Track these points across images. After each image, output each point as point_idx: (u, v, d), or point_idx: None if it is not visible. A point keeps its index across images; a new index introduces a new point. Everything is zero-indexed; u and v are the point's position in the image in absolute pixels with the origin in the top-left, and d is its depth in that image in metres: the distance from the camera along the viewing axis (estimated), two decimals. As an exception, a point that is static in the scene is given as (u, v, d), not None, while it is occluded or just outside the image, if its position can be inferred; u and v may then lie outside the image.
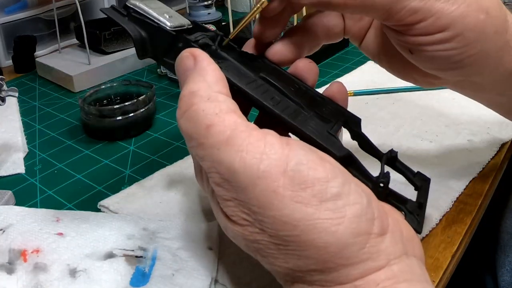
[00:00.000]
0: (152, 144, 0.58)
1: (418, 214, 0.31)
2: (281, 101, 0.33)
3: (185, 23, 0.36)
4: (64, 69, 0.75)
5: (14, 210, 0.43)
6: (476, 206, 0.44)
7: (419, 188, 0.34)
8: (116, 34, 0.80)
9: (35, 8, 0.87)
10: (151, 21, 0.34)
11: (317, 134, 0.31)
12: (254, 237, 0.28)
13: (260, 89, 0.33)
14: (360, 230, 0.26)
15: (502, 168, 0.50)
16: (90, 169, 0.54)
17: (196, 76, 0.30)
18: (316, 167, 0.27)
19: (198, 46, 0.34)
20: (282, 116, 0.31)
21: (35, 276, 0.37)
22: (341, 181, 0.27)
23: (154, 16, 0.34)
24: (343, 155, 0.30)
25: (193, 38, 0.35)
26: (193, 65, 0.30)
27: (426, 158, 0.50)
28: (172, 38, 0.34)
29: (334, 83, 0.36)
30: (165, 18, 0.34)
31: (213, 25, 0.64)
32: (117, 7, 0.36)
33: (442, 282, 0.37)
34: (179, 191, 0.47)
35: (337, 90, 0.36)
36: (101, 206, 0.46)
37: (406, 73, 0.40)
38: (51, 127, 0.64)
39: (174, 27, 0.34)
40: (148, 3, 0.35)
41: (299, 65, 0.36)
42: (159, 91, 0.72)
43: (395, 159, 0.34)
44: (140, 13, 0.35)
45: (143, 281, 0.36)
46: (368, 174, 0.30)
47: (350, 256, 0.26)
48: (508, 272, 0.56)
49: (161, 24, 0.34)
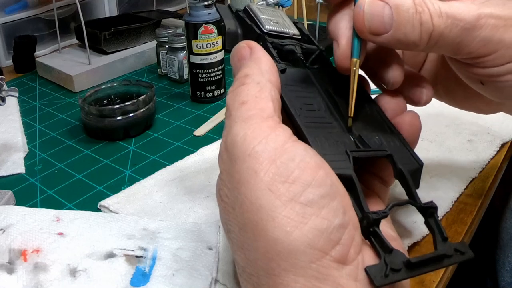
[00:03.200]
0: (152, 144, 0.58)
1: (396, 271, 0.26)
2: (315, 111, 0.33)
3: (290, 33, 0.38)
4: (64, 69, 0.75)
5: (15, 210, 0.43)
6: (476, 206, 0.44)
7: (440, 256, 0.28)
8: (116, 34, 0.80)
9: (35, 8, 0.87)
10: (250, 21, 0.38)
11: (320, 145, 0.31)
12: (228, 216, 0.29)
13: (299, 95, 0.34)
14: (316, 245, 0.26)
15: (502, 168, 0.50)
16: (90, 169, 0.54)
17: (251, 63, 0.32)
18: (305, 169, 0.27)
19: (279, 49, 0.36)
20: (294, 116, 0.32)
21: (35, 276, 0.37)
22: (323, 192, 0.27)
23: (257, 17, 0.38)
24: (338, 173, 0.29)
25: (278, 41, 0.37)
26: (248, 55, 0.33)
27: (426, 158, 0.50)
28: (257, 36, 0.37)
29: (410, 113, 0.35)
30: (267, 22, 0.38)
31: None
32: (231, 6, 0.40)
33: (442, 282, 0.37)
34: (179, 191, 0.47)
35: (408, 122, 0.35)
36: (101, 206, 0.46)
37: (468, 103, 0.40)
38: (51, 127, 0.64)
39: (269, 30, 0.37)
40: (264, 10, 0.40)
41: (383, 95, 0.36)
42: (159, 91, 0.72)
43: (430, 214, 0.30)
44: (248, 14, 0.39)
45: (144, 281, 0.36)
46: (361, 205, 0.29)
47: (296, 264, 0.26)
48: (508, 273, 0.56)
49: (258, 24, 0.37)
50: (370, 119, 0.35)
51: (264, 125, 0.28)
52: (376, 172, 0.35)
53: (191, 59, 0.66)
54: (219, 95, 0.68)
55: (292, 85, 0.34)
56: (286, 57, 0.37)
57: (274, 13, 0.40)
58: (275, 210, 0.26)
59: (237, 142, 0.28)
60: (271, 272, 0.26)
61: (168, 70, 0.76)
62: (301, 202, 0.26)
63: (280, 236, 0.26)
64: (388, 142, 0.34)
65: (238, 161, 0.28)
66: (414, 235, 0.39)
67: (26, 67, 0.83)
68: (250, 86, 0.30)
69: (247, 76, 0.31)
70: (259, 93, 0.30)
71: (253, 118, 0.29)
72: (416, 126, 0.35)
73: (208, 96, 0.68)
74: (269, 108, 0.29)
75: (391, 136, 0.34)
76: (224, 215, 0.29)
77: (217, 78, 0.67)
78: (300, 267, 0.26)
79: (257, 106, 0.29)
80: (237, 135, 0.28)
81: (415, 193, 0.31)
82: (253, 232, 0.27)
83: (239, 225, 0.28)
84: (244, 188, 0.27)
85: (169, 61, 0.74)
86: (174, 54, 0.73)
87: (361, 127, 0.34)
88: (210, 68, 0.66)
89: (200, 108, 0.66)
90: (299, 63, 0.37)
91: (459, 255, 0.28)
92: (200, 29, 0.63)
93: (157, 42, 0.77)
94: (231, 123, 0.29)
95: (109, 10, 0.98)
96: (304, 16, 0.77)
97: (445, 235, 0.29)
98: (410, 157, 0.33)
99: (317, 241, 0.26)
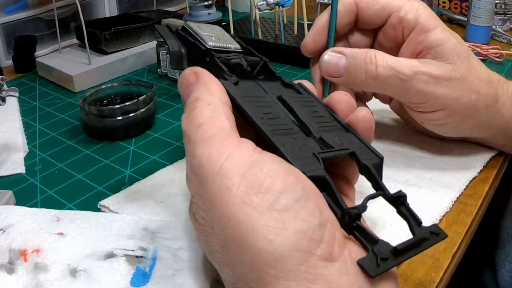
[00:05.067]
0: (152, 144, 0.58)
1: (385, 260, 0.27)
2: (276, 119, 0.34)
3: (232, 47, 0.40)
4: (65, 69, 0.75)
5: (15, 210, 0.43)
6: (477, 207, 0.44)
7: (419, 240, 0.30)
8: (117, 34, 0.80)
9: (36, 8, 0.87)
10: (193, 38, 0.39)
11: (290, 150, 0.31)
12: (208, 237, 0.29)
13: (257, 104, 0.34)
14: (300, 247, 0.26)
15: (502, 168, 0.50)
16: (91, 169, 0.54)
17: (199, 87, 0.33)
18: (275, 177, 0.27)
19: (226, 63, 0.37)
20: (259, 126, 0.32)
21: (36, 276, 0.37)
22: (297, 196, 0.27)
23: (198, 35, 0.39)
24: (311, 175, 0.29)
25: (224, 55, 0.38)
26: (195, 80, 0.33)
27: (426, 158, 0.50)
28: (203, 53, 0.38)
29: (362, 110, 0.37)
30: (209, 38, 0.38)
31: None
32: (170, 26, 0.41)
33: (442, 282, 0.37)
34: (179, 191, 0.47)
35: (362, 118, 0.36)
36: (101, 206, 0.46)
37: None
38: (52, 127, 0.64)
39: (213, 46, 0.38)
40: (203, 27, 0.41)
41: (333, 96, 0.39)
42: (160, 91, 0.72)
43: (400, 202, 0.32)
44: (188, 32, 0.39)
45: (144, 281, 0.36)
46: (339, 203, 0.30)
47: (285, 269, 0.26)
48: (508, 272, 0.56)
49: (200, 41, 0.38)
50: (325, 120, 0.36)
51: (226, 142, 0.29)
52: (340, 173, 0.37)
53: (191, 59, 0.66)
54: (219, 95, 0.68)
55: (248, 96, 0.35)
56: (234, 70, 0.37)
57: (212, 29, 0.41)
58: (254, 221, 0.26)
59: (204, 164, 0.29)
60: (262, 282, 0.26)
61: (168, 70, 0.76)
62: (277, 209, 0.27)
63: (264, 246, 0.26)
64: (348, 140, 0.35)
65: (208, 181, 0.28)
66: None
67: (26, 67, 0.83)
68: (203, 108, 0.31)
69: (197, 100, 0.32)
70: (213, 113, 0.31)
71: (214, 137, 0.29)
72: (370, 120, 0.37)
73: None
74: (226, 126, 0.30)
75: (348, 134, 0.36)
76: (204, 237, 0.30)
77: (217, 78, 0.67)
78: (289, 271, 0.26)
79: (215, 125, 0.30)
80: (202, 156, 0.29)
81: (382, 184, 0.33)
82: (237, 247, 0.27)
83: (221, 243, 0.28)
84: (219, 206, 0.27)
85: (170, 61, 0.74)
86: (174, 54, 0.73)
87: (319, 129, 0.35)
88: (210, 68, 0.66)
89: (200, 108, 0.66)
90: (246, 75, 0.38)
91: (435, 237, 0.30)
92: (200, 29, 0.63)
93: (157, 42, 0.77)
94: (193, 147, 0.30)
95: (109, 10, 0.98)
96: (304, 16, 0.77)
97: (420, 220, 0.31)
98: (370, 152, 0.35)
99: (301, 243, 0.26)
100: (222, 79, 0.35)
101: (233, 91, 0.34)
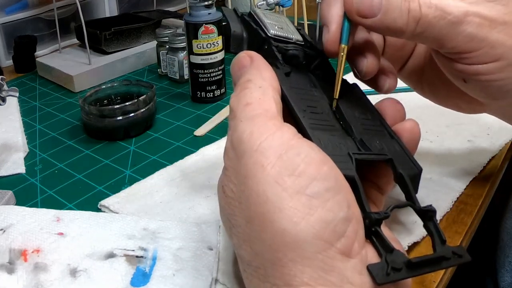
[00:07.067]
0: (152, 144, 0.58)
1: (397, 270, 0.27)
2: (319, 113, 0.34)
3: (294, 38, 0.39)
4: (65, 69, 0.75)
5: (15, 210, 0.43)
6: (477, 207, 0.44)
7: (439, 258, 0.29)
8: (117, 34, 0.80)
9: (36, 8, 0.87)
10: (256, 25, 0.39)
11: (324, 145, 0.31)
12: (234, 210, 0.29)
13: (303, 97, 0.34)
14: (322, 236, 0.26)
15: (502, 168, 0.50)
16: (91, 169, 0.54)
17: (253, 70, 0.33)
18: (310, 164, 0.28)
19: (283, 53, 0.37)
20: (299, 117, 0.32)
21: (36, 276, 0.37)
22: (328, 186, 0.27)
23: (262, 22, 0.39)
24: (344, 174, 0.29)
25: (282, 45, 0.38)
26: (249, 63, 0.34)
27: (426, 158, 0.50)
28: (262, 40, 0.38)
29: (410, 121, 0.36)
30: (271, 27, 0.38)
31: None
32: (237, 10, 0.42)
33: (442, 282, 0.37)
34: (179, 191, 0.47)
35: (409, 128, 0.36)
36: (102, 206, 0.46)
37: (450, 101, 0.42)
38: (52, 127, 0.64)
39: (274, 34, 0.38)
40: (269, 15, 0.40)
41: (384, 102, 0.37)
42: (160, 91, 0.72)
43: (429, 217, 0.30)
44: (253, 18, 0.40)
45: (144, 281, 0.36)
46: (363, 205, 0.29)
47: (303, 255, 0.26)
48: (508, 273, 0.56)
49: (263, 28, 0.38)
50: (371, 124, 0.36)
51: (269, 123, 0.29)
52: (374, 180, 0.36)
53: (191, 59, 0.66)
54: (220, 95, 0.68)
55: (297, 87, 0.35)
56: (290, 61, 0.37)
57: (278, 18, 0.41)
58: (282, 202, 0.27)
59: (244, 139, 0.29)
60: (278, 263, 0.26)
61: (168, 70, 0.76)
62: (307, 194, 0.27)
63: (287, 227, 0.26)
64: (389, 147, 0.34)
65: (245, 156, 0.29)
66: (414, 235, 0.39)
67: (26, 67, 0.83)
68: (253, 90, 0.32)
69: (249, 81, 0.32)
70: (262, 95, 0.31)
71: (259, 117, 0.30)
72: (416, 133, 0.36)
73: (208, 96, 0.68)
74: (272, 109, 0.31)
75: (391, 141, 0.35)
76: (228, 210, 0.30)
77: (218, 78, 0.67)
78: (306, 257, 0.26)
79: (262, 107, 0.30)
80: (243, 132, 0.29)
81: (414, 197, 0.32)
82: (260, 224, 0.27)
83: (246, 218, 0.28)
84: (251, 181, 0.28)
85: (170, 61, 0.74)
86: (174, 54, 0.73)
87: (362, 131, 0.34)
88: (210, 68, 0.66)
89: (201, 108, 0.66)
90: (302, 67, 0.38)
91: (456, 258, 0.29)
92: (201, 29, 0.63)
93: (158, 42, 0.77)
94: (237, 122, 0.30)
95: (109, 10, 0.98)
96: (304, 16, 0.77)
97: (444, 238, 0.29)
98: (410, 162, 0.34)
99: (323, 232, 0.26)
100: (275, 67, 0.35)
101: (282, 81, 0.34)
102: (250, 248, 0.28)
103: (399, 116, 0.37)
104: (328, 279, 0.26)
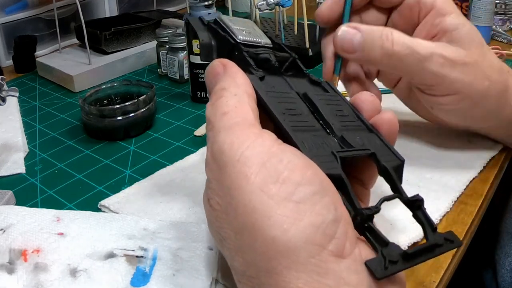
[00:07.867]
0: (152, 144, 0.58)
1: (394, 263, 0.27)
2: (298, 115, 0.34)
3: (262, 42, 0.40)
4: (65, 69, 0.75)
5: (15, 210, 0.43)
6: (477, 207, 0.44)
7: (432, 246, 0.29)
8: (117, 34, 0.80)
9: (36, 8, 0.87)
10: (223, 32, 0.39)
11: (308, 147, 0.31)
12: (221, 223, 0.29)
13: (281, 100, 0.34)
14: (313, 240, 0.26)
15: (502, 168, 0.50)
16: (91, 169, 0.54)
17: (227, 77, 0.34)
18: (294, 169, 0.28)
19: (254, 58, 0.37)
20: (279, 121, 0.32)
21: (36, 276, 0.37)
22: (314, 190, 0.27)
23: (229, 28, 0.39)
24: (327, 173, 0.29)
25: (253, 50, 0.38)
26: (223, 71, 0.34)
27: (426, 158, 0.50)
28: (232, 46, 0.38)
29: (387, 113, 0.37)
30: (239, 32, 0.39)
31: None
32: (203, 18, 0.42)
33: (442, 282, 0.37)
34: (179, 191, 0.47)
35: (387, 120, 0.36)
36: (102, 206, 0.47)
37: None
38: (52, 127, 0.64)
39: (243, 40, 0.38)
40: (235, 21, 0.41)
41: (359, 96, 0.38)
42: (160, 91, 0.72)
43: (417, 207, 0.31)
44: (220, 25, 0.40)
45: (144, 281, 0.36)
46: (353, 202, 0.29)
47: (296, 261, 0.26)
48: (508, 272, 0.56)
49: (230, 35, 0.39)
50: (348, 120, 0.36)
51: (248, 132, 0.29)
52: (357, 175, 0.36)
53: (191, 59, 0.66)
54: (219, 95, 0.68)
55: (273, 91, 0.35)
56: (262, 66, 0.37)
57: (244, 23, 0.41)
58: (270, 210, 0.27)
59: (225, 150, 0.29)
60: (273, 271, 0.26)
61: (168, 70, 0.76)
62: (294, 200, 0.27)
63: (277, 234, 0.26)
64: (369, 141, 0.34)
65: (228, 167, 0.29)
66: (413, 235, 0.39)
67: (26, 67, 0.83)
68: (229, 98, 0.32)
69: (224, 90, 0.33)
70: (238, 103, 0.31)
71: (237, 126, 0.30)
72: (394, 124, 0.36)
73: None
74: (250, 117, 0.31)
75: (371, 135, 0.35)
76: (216, 223, 0.30)
77: (217, 78, 0.67)
78: (300, 263, 0.26)
79: (239, 115, 0.31)
80: (224, 143, 0.29)
81: (400, 187, 0.32)
82: (250, 234, 0.27)
83: (235, 229, 0.28)
84: (236, 192, 0.28)
85: (170, 61, 0.74)
86: (174, 54, 0.73)
87: (342, 128, 0.34)
88: (210, 68, 0.66)
89: (201, 108, 0.66)
90: (274, 70, 0.38)
91: (449, 244, 0.30)
92: (200, 29, 0.63)
93: (158, 42, 0.77)
94: (215, 133, 0.30)
95: (109, 10, 0.98)
96: (304, 16, 0.77)
97: (434, 226, 0.30)
98: (391, 154, 0.34)
99: (314, 236, 0.26)
100: (248, 73, 0.35)
101: (258, 86, 0.34)
102: (242, 258, 0.28)
103: (375, 108, 0.37)
104: (324, 282, 0.26)
